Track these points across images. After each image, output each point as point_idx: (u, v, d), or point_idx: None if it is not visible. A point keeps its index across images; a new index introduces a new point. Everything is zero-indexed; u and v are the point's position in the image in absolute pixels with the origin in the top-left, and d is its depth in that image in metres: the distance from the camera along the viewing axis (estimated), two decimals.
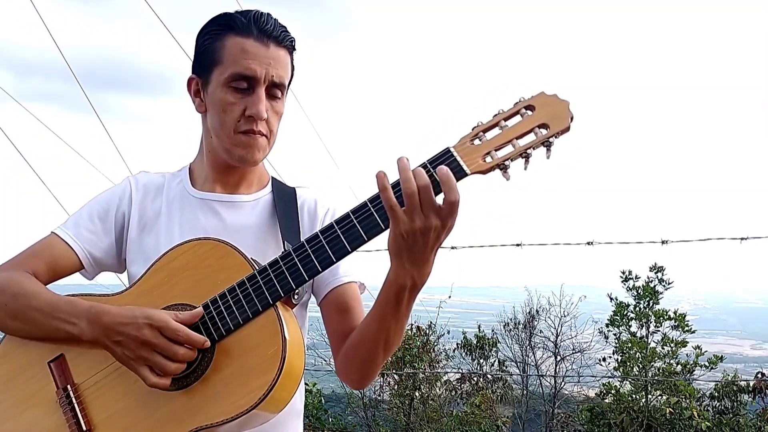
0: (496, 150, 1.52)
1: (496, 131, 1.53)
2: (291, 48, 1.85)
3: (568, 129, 1.50)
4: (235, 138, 1.81)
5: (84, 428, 1.69)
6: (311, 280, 1.69)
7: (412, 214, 1.45)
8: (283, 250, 1.73)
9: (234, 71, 1.77)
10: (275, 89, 1.82)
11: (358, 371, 1.80)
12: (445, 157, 1.51)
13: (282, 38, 1.81)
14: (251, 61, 1.77)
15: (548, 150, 1.51)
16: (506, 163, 1.51)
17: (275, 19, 1.82)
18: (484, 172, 1.52)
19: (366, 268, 1.94)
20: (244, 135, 1.81)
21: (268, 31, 1.79)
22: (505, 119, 1.53)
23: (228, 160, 1.87)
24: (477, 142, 1.53)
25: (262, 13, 1.81)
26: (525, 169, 1.53)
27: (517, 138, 1.52)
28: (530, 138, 1.51)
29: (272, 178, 2.02)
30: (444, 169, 1.46)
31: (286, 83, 1.85)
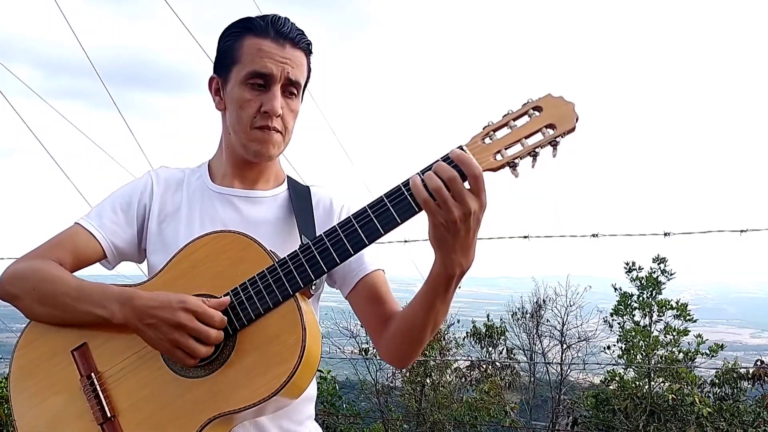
0: (506, 149, 1.53)
1: (505, 131, 1.54)
2: (307, 50, 1.87)
3: (573, 129, 1.51)
4: (251, 133, 1.83)
5: (108, 415, 1.70)
6: (327, 274, 1.69)
7: (447, 206, 1.46)
8: (300, 243, 1.73)
9: (251, 69, 1.80)
10: (291, 87, 1.84)
11: (406, 354, 1.81)
12: None
13: (298, 40, 1.83)
14: (267, 60, 1.79)
15: (555, 149, 1.52)
16: (515, 161, 1.52)
17: (293, 23, 1.84)
18: (494, 170, 1.53)
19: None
20: (259, 131, 1.83)
21: (284, 32, 1.82)
22: (514, 119, 1.54)
23: (244, 156, 1.89)
24: (488, 140, 1.54)
25: (280, 16, 1.83)
26: (533, 167, 1.54)
27: (525, 137, 1.53)
28: (538, 137, 1.52)
29: (288, 176, 2.03)
30: (455, 150, 1.49)
31: (302, 82, 1.87)
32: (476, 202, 1.47)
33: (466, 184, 1.47)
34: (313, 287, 1.67)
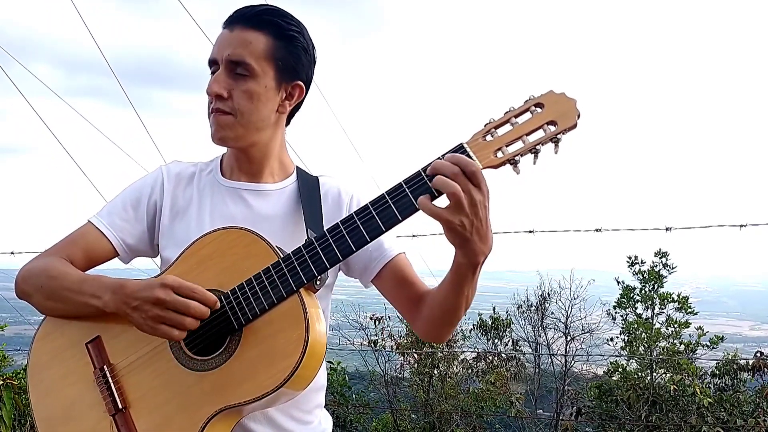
0: (507, 146, 1.50)
1: (507, 128, 1.51)
2: (265, 29, 1.79)
3: (575, 126, 1.48)
4: (209, 119, 1.82)
5: (120, 406, 1.70)
6: (342, 264, 1.68)
7: (461, 203, 1.45)
8: (306, 237, 1.72)
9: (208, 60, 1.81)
10: (236, 67, 1.77)
11: (443, 331, 1.81)
12: (458, 152, 1.50)
13: (250, 19, 1.79)
14: (215, 47, 1.79)
15: (556, 146, 1.50)
16: (516, 158, 1.50)
17: (261, 7, 1.81)
18: (495, 167, 1.51)
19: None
20: (211, 115, 1.80)
21: (236, 16, 1.79)
22: (516, 116, 1.52)
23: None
24: (489, 137, 1.51)
25: (250, 6, 1.81)
26: (534, 163, 1.51)
27: (527, 134, 1.50)
28: (539, 134, 1.50)
29: (297, 167, 2.00)
30: (449, 155, 1.48)
31: (248, 60, 1.77)
32: (480, 193, 1.46)
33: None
34: (318, 282, 1.65)
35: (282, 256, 1.64)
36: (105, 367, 1.75)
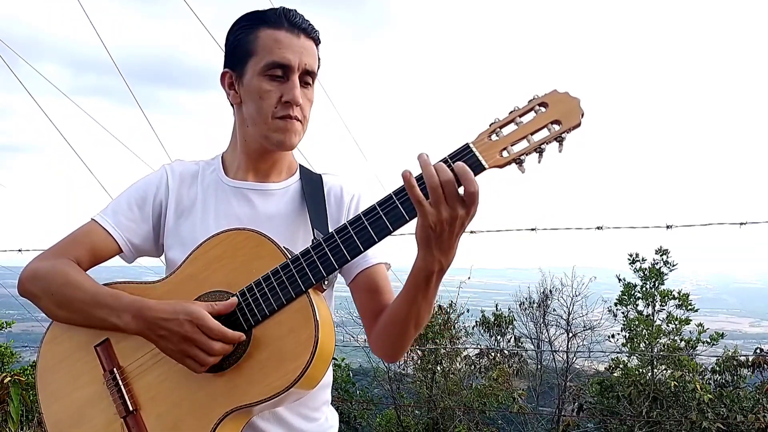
0: (512, 145, 1.50)
1: (512, 127, 1.51)
2: (318, 40, 1.85)
3: (579, 125, 1.48)
4: (273, 123, 1.80)
5: (130, 408, 1.70)
6: (344, 266, 1.67)
7: (439, 206, 1.44)
8: (312, 237, 1.72)
9: (270, 60, 1.77)
10: (307, 77, 1.81)
11: (392, 347, 1.78)
12: (464, 152, 1.49)
13: (310, 30, 1.82)
14: (285, 51, 1.76)
15: (560, 144, 1.49)
16: (522, 157, 1.49)
17: (302, 15, 1.82)
18: (501, 166, 1.50)
19: (389, 250, 1.92)
20: (281, 120, 1.79)
21: (297, 23, 1.79)
22: (521, 116, 1.51)
23: (266, 146, 1.85)
24: (494, 137, 1.50)
25: (290, 9, 1.81)
26: (539, 162, 1.51)
27: (531, 134, 1.49)
28: (544, 133, 1.49)
29: (300, 165, 1.99)
30: (460, 164, 1.46)
31: (316, 72, 1.84)
32: (464, 210, 1.46)
33: (461, 190, 1.45)
34: (326, 283, 1.65)
35: (290, 257, 1.64)
36: (115, 369, 1.74)
